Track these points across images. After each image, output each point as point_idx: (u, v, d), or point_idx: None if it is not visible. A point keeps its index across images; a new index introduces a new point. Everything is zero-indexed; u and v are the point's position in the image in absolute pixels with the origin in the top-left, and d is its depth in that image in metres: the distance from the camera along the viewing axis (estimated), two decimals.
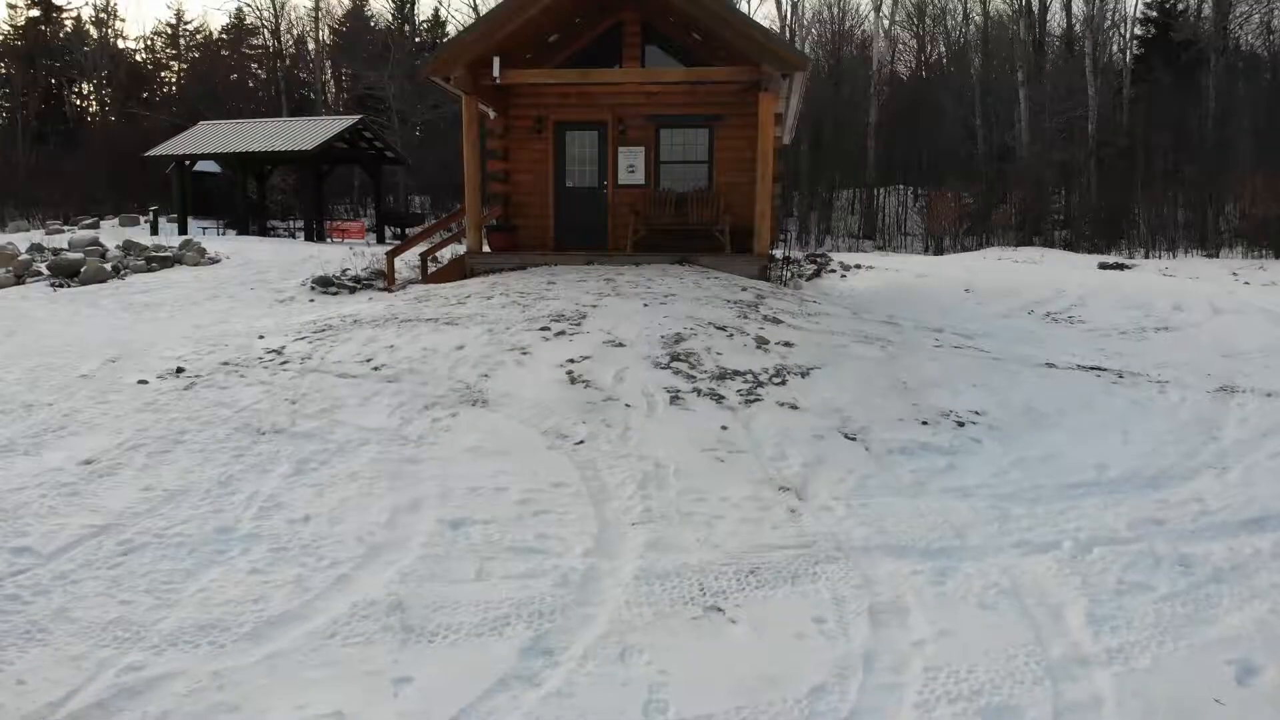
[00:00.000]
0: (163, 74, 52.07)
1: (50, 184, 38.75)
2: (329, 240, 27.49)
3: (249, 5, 49.75)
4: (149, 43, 54.13)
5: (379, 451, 5.76)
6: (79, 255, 14.28)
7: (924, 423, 6.52)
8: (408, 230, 28.57)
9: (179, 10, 76.56)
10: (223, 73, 46.85)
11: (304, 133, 25.19)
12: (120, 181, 38.64)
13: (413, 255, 14.20)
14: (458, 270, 11.98)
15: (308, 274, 14.36)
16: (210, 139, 26.39)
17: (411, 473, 5.46)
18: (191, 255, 15.23)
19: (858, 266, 16.99)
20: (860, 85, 42.33)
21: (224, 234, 26.59)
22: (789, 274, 15.90)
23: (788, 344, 7.94)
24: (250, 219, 27.12)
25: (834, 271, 16.61)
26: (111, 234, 29.12)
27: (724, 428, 6.25)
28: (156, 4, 78.22)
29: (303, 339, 8.20)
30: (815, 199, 40.01)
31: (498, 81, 11.32)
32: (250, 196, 27.64)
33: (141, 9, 76.96)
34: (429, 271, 12.63)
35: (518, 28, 11.12)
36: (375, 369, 7.25)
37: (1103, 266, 19.25)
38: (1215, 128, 33.57)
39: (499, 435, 6.05)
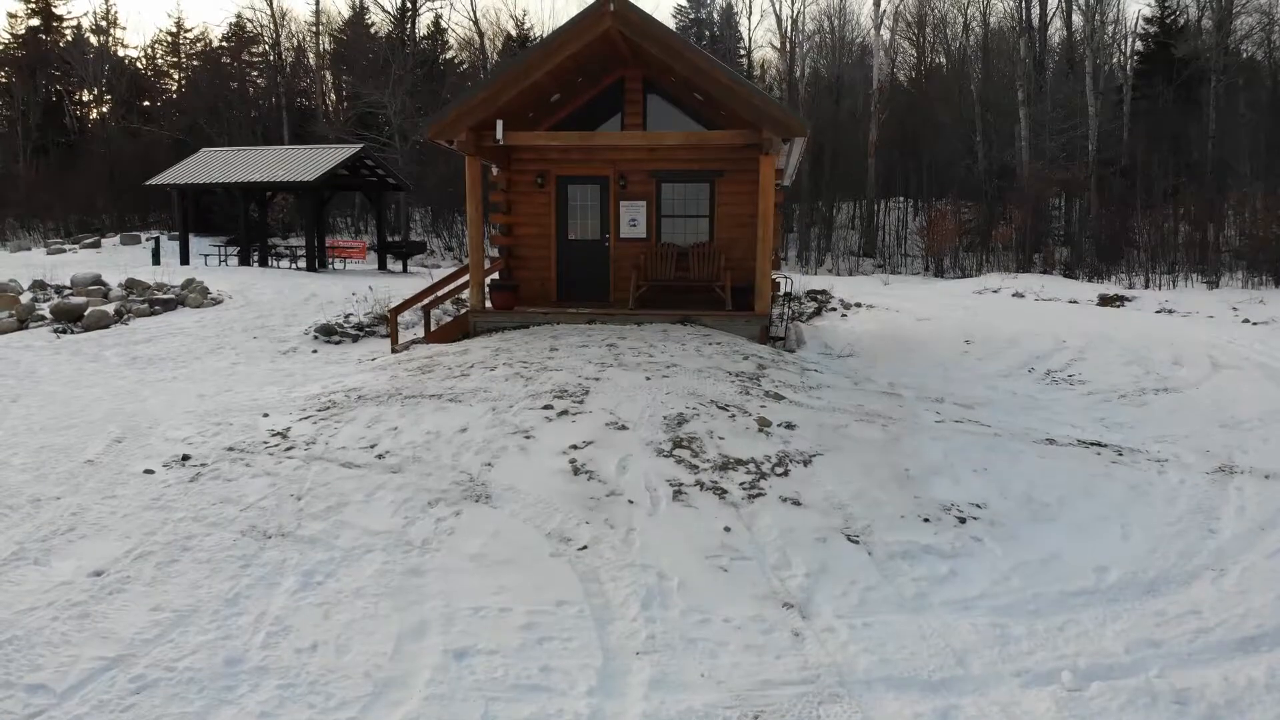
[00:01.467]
0: (163, 81, 52.15)
1: (51, 196, 38.83)
2: (330, 264, 27.58)
3: (250, 20, 49.89)
4: (149, 51, 54.31)
5: (384, 561, 5.81)
6: (82, 299, 14.35)
7: (926, 520, 6.58)
8: (409, 257, 28.69)
9: (179, 18, 76.66)
10: (223, 82, 46.83)
11: (306, 162, 25.24)
12: (121, 195, 38.72)
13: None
14: (460, 328, 12.04)
15: (310, 318, 14.43)
16: (212, 167, 26.46)
17: (416, 588, 5.51)
18: (194, 296, 15.30)
19: (858, 305, 17.07)
20: (860, 99, 42.43)
21: (225, 262, 26.64)
22: (790, 312, 15.98)
23: (789, 425, 8.00)
24: (251, 243, 27.21)
25: (834, 310, 16.70)
26: (112, 255, 29.26)
27: (727, 529, 6.30)
28: (157, 12, 78.38)
29: (307, 418, 8.25)
30: (815, 214, 40.09)
31: (500, 143, 11.41)
32: (252, 216, 27.71)
33: (142, 17, 77.11)
34: (432, 327, 12.68)
35: (520, 90, 11.20)
36: (379, 457, 7.30)
37: (1103, 300, 19.34)
38: (1215, 146, 33.65)
39: (503, 539, 6.10)
